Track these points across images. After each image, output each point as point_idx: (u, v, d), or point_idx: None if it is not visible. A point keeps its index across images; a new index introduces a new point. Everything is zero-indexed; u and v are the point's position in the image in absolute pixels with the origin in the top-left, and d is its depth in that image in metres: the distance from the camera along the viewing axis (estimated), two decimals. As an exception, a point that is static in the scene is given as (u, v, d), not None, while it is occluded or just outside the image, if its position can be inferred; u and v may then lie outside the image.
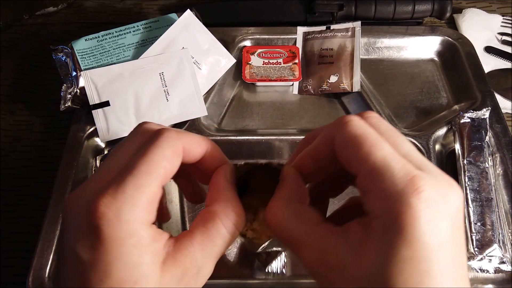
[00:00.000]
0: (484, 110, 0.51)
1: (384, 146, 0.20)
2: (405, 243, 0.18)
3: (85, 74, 0.53)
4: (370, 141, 0.21)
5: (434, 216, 0.19)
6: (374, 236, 0.19)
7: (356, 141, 0.21)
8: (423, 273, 0.18)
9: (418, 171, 0.20)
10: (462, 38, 0.62)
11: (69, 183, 0.48)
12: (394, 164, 0.20)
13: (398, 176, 0.19)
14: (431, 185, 0.19)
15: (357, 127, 0.21)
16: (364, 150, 0.20)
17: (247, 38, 0.62)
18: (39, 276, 0.42)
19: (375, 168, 0.20)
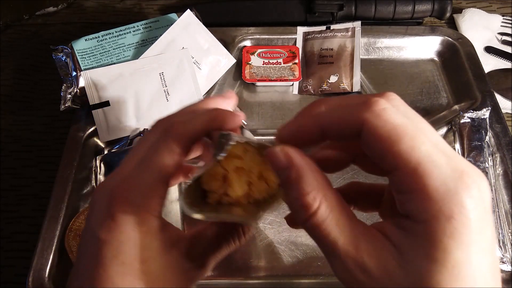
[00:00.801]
0: (484, 110, 0.51)
1: (425, 139, 0.18)
2: (458, 247, 0.17)
3: (85, 74, 0.53)
4: (412, 134, 0.18)
5: (480, 215, 0.18)
6: (423, 242, 0.18)
7: (395, 133, 0.18)
8: (477, 276, 0.17)
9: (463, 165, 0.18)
10: (462, 38, 0.62)
11: (69, 183, 0.48)
12: (440, 161, 0.18)
13: (447, 174, 0.17)
14: (475, 181, 0.18)
15: (394, 115, 0.19)
16: (406, 144, 0.18)
17: (247, 38, 0.62)
18: (39, 276, 0.42)
19: (421, 165, 0.18)
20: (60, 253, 0.44)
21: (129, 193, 0.22)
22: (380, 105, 0.19)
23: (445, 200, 0.17)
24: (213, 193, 0.25)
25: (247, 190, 0.25)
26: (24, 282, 0.43)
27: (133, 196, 0.22)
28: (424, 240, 0.18)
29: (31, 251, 0.44)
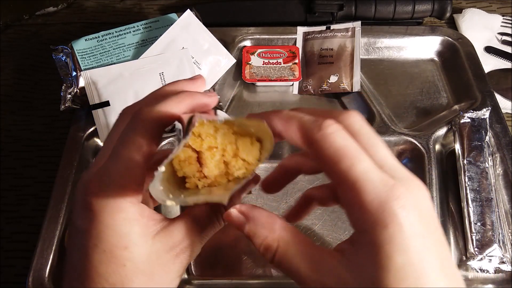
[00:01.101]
0: (484, 110, 0.51)
1: (364, 158, 0.21)
2: (398, 251, 0.19)
3: (85, 74, 0.53)
4: (351, 155, 0.21)
5: (415, 220, 0.20)
6: (366, 250, 0.20)
7: (337, 155, 0.21)
8: (420, 275, 0.19)
9: (394, 178, 0.21)
10: (462, 38, 0.62)
11: (69, 183, 0.48)
12: (373, 177, 0.20)
13: (379, 188, 0.20)
14: (406, 191, 0.20)
15: (339, 138, 0.21)
16: (346, 164, 0.21)
17: (247, 38, 0.62)
18: (39, 276, 0.42)
19: (357, 182, 0.20)
20: (60, 253, 0.44)
21: (102, 183, 0.23)
22: (329, 129, 0.21)
23: (379, 211, 0.20)
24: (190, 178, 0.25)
25: (224, 169, 0.25)
26: (24, 282, 0.43)
27: (107, 186, 0.23)
28: (369, 249, 0.20)
29: (31, 251, 0.44)
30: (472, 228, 0.45)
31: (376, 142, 0.23)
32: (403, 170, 0.22)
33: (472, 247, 0.44)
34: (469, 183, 0.47)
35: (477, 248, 0.44)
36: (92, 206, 0.22)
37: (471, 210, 0.46)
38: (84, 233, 0.23)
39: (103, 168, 0.23)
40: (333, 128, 0.22)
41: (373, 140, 0.23)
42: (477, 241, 0.44)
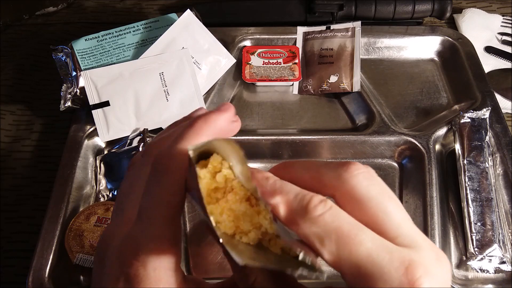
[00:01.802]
0: (484, 110, 0.51)
1: (364, 237, 0.18)
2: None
3: (85, 74, 0.53)
4: (347, 237, 0.18)
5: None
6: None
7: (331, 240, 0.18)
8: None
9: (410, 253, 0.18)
10: (462, 38, 0.62)
11: (69, 183, 0.48)
12: (381, 259, 0.17)
13: (390, 273, 0.17)
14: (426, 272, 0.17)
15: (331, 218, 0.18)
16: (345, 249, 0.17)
17: (247, 38, 0.62)
18: (39, 276, 0.42)
19: (361, 269, 0.17)
20: (60, 253, 0.44)
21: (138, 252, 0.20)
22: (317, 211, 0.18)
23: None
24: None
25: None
26: (24, 282, 0.43)
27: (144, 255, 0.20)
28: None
29: (31, 251, 0.44)
30: (472, 228, 0.45)
31: (387, 206, 0.19)
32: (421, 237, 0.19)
33: (472, 247, 0.44)
34: (469, 183, 0.47)
35: (477, 248, 0.44)
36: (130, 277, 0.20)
37: (471, 210, 0.46)
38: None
39: (136, 235, 0.21)
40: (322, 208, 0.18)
41: (385, 205, 0.19)
42: (477, 241, 0.44)
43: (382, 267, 0.17)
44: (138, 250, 0.20)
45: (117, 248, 0.21)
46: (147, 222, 0.21)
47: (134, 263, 0.20)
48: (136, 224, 0.21)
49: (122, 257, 0.21)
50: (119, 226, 0.22)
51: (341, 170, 0.20)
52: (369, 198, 0.19)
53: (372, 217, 0.19)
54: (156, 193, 0.21)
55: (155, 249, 0.20)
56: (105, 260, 0.22)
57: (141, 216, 0.21)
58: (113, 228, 0.22)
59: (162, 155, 0.22)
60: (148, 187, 0.22)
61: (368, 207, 0.19)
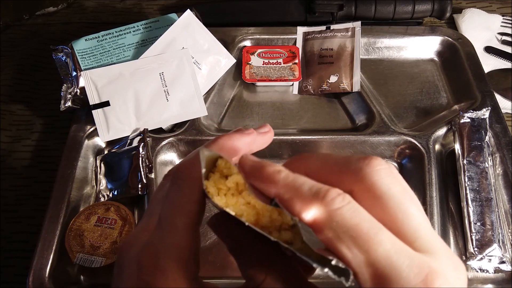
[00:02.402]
0: (484, 110, 0.51)
1: (384, 238, 0.17)
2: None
3: (85, 74, 0.53)
4: (366, 236, 0.17)
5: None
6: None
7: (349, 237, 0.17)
8: None
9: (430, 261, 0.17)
10: (462, 38, 0.62)
11: (69, 183, 0.48)
12: (401, 263, 0.16)
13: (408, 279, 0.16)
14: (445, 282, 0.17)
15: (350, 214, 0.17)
16: (361, 248, 0.17)
17: (247, 38, 0.62)
18: (39, 276, 0.42)
19: (378, 271, 0.16)
20: (60, 253, 0.44)
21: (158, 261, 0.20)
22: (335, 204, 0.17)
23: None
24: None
25: None
26: (25, 282, 0.43)
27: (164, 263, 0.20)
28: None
29: (31, 251, 0.44)
30: (472, 228, 0.45)
31: (409, 208, 0.18)
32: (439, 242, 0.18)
33: (472, 247, 0.44)
34: (469, 183, 0.47)
35: (477, 248, 0.44)
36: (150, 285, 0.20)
37: (471, 210, 0.46)
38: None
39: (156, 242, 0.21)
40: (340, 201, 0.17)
41: (406, 205, 0.18)
42: (477, 241, 0.44)
43: (401, 271, 0.16)
44: (158, 258, 0.20)
45: (137, 254, 0.21)
46: (168, 229, 0.21)
47: (153, 271, 0.20)
48: (156, 231, 0.21)
49: (141, 263, 0.20)
50: (140, 232, 0.22)
51: (362, 164, 0.19)
52: (390, 196, 0.18)
53: (391, 217, 0.18)
54: (176, 200, 0.21)
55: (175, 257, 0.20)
56: (124, 265, 0.22)
57: (161, 224, 0.21)
58: (135, 234, 0.22)
59: (183, 164, 0.22)
60: (168, 194, 0.22)
61: (388, 206, 0.18)
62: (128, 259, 0.21)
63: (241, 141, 0.24)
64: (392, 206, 0.18)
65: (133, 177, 0.49)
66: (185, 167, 0.22)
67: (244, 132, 0.24)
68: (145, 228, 0.22)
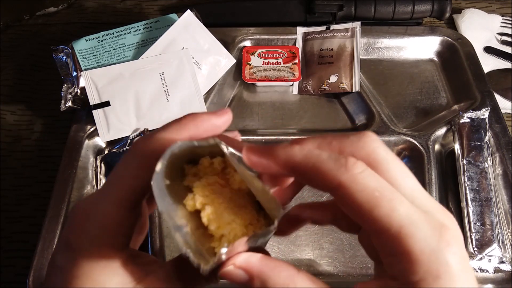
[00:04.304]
0: (483, 110, 0.51)
1: (402, 199, 0.18)
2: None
3: (85, 74, 0.53)
4: (389, 197, 0.18)
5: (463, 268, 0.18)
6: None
7: (372, 198, 0.18)
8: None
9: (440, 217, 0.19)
10: (462, 38, 0.62)
11: (70, 183, 0.48)
12: (419, 221, 0.18)
13: (428, 233, 0.18)
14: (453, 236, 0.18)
15: (371, 178, 0.19)
16: (385, 209, 0.18)
17: (247, 38, 0.62)
18: (39, 276, 0.43)
19: (403, 229, 0.18)
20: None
21: (87, 223, 0.21)
22: (356, 168, 0.19)
23: (431, 261, 0.18)
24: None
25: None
26: (25, 282, 0.43)
27: (91, 227, 0.21)
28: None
29: (32, 251, 0.44)
30: (471, 227, 0.45)
31: (402, 171, 0.20)
32: (433, 202, 0.20)
33: (472, 246, 0.44)
34: (468, 183, 0.47)
35: (476, 247, 0.44)
36: (72, 246, 0.21)
37: (471, 210, 0.46)
38: (61, 272, 0.21)
39: (92, 204, 0.22)
40: (360, 166, 0.19)
41: (399, 170, 0.20)
42: (476, 241, 0.44)
43: (422, 227, 0.18)
44: (86, 220, 0.21)
45: (73, 213, 0.22)
46: (102, 198, 0.22)
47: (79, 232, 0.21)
48: (95, 196, 0.22)
49: (72, 222, 0.21)
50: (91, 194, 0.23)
51: (360, 134, 0.21)
52: (388, 161, 0.20)
53: (390, 180, 0.19)
54: (119, 172, 0.22)
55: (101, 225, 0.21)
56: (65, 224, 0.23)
57: (101, 190, 0.22)
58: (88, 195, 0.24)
59: (140, 139, 0.22)
60: (116, 164, 0.22)
61: (388, 170, 0.19)
62: (68, 216, 0.22)
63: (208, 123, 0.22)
64: (390, 170, 0.20)
65: (133, 177, 0.49)
66: (141, 141, 0.22)
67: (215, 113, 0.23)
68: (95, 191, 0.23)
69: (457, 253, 0.18)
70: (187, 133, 0.22)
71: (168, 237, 0.47)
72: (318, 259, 0.46)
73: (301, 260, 0.46)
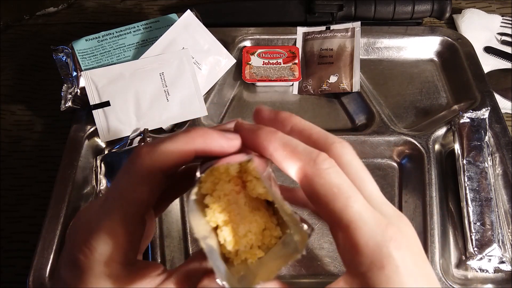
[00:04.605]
0: (483, 110, 0.51)
1: (358, 197, 0.20)
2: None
3: (85, 74, 0.53)
4: (346, 194, 0.20)
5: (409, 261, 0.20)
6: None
7: (331, 193, 0.20)
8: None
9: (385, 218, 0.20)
10: (462, 38, 0.62)
11: (70, 183, 0.48)
12: (367, 217, 0.20)
13: (374, 229, 0.20)
14: (398, 231, 0.20)
15: (335, 175, 0.21)
16: (340, 204, 0.20)
17: (247, 38, 0.62)
18: (39, 276, 0.43)
19: (351, 224, 0.20)
20: (60, 253, 0.44)
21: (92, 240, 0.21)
22: (324, 164, 0.21)
23: (375, 253, 0.19)
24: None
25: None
26: (25, 282, 0.43)
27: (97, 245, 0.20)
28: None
29: (32, 251, 0.44)
30: (471, 227, 0.45)
31: (364, 176, 0.22)
32: (389, 206, 0.22)
33: (472, 246, 0.44)
34: (468, 183, 0.47)
35: (476, 247, 0.44)
36: (78, 262, 0.20)
37: (471, 210, 0.46)
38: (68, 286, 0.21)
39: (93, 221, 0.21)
40: (328, 163, 0.21)
41: (362, 174, 0.22)
42: (476, 241, 0.44)
43: (368, 224, 0.20)
44: (90, 236, 0.21)
45: (75, 229, 0.22)
46: (106, 211, 0.21)
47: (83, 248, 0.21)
48: (98, 210, 0.22)
49: (75, 238, 0.21)
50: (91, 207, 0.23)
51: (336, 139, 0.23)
52: (353, 166, 0.22)
53: (351, 181, 0.21)
54: (122, 184, 0.21)
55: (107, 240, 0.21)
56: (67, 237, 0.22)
57: (104, 203, 0.21)
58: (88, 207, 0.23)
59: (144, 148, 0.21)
60: (119, 175, 0.22)
61: (351, 172, 0.22)
62: (71, 230, 0.22)
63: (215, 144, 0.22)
64: (354, 172, 0.22)
65: (133, 177, 0.49)
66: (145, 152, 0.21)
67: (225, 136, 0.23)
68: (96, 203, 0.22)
69: (401, 248, 0.20)
70: (194, 147, 0.22)
71: (168, 237, 0.47)
72: (318, 259, 0.46)
73: (301, 261, 0.46)
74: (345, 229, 0.20)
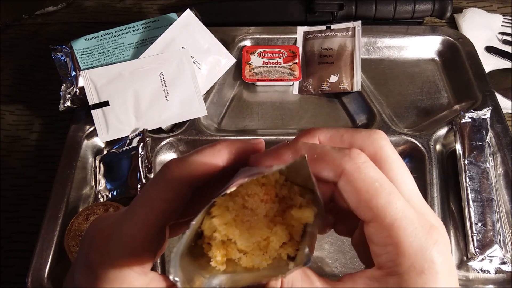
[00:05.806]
0: (484, 110, 0.51)
1: (399, 195, 0.19)
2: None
3: (84, 74, 0.52)
4: (388, 189, 0.19)
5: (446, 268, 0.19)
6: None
7: (373, 187, 0.19)
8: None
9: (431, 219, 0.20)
10: (463, 38, 0.61)
11: (69, 182, 0.48)
12: (412, 217, 0.19)
13: (418, 230, 0.19)
14: (441, 236, 0.19)
15: (374, 169, 0.20)
16: (383, 200, 0.19)
17: (247, 38, 0.62)
18: (38, 277, 0.42)
19: (396, 221, 0.19)
20: (59, 253, 0.44)
21: (110, 244, 0.21)
22: (360, 158, 0.20)
23: (417, 256, 0.19)
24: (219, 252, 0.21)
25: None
26: (24, 282, 0.42)
27: (114, 249, 0.20)
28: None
29: (31, 251, 0.44)
30: (473, 228, 0.45)
31: (404, 173, 0.21)
32: (428, 208, 0.21)
33: (473, 247, 0.44)
34: (470, 183, 0.47)
35: (478, 248, 0.44)
36: (94, 268, 0.20)
37: (472, 210, 0.46)
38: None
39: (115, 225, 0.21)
40: (364, 157, 0.20)
41: (402, 171, 0.21)
42: (478, 242, 0.44)
43: (413, 224, 0.19)
44: (109, 241, 0.21)
45: (94, 233, 0.21)
46: (129, 218, 0.21)
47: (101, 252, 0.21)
48: (120, 216, 0.22)
49: (93, 242, 0.21)
50: (112, 215, 0.23)
51: (371, 131, 0.22)
52: (393, 160, 0.21)
53: (391, 177, 0.20)
54: (148, 194, 0.21)
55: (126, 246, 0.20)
56: (84, 240, 0.22)
57: (127, 211, 0.21)
58: (107, 215, 0.23)
59: (173, 161, 0.22)
60: (146, 186, 0.22)
61: (391, 168, 0.21)
62: (87, 235, 0.22)
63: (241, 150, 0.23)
64: (394, 168, 0.21)
65: (132, 177, 0.48)
66: (174, 163, 0.22)
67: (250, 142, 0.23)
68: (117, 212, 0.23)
69: (442, 253, 0.19)
70: (221, 159, 0.22)
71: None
72: (319, 260, 0.46)
73: (301, 261, 0.46)
74: (388, 227, 0.19)
